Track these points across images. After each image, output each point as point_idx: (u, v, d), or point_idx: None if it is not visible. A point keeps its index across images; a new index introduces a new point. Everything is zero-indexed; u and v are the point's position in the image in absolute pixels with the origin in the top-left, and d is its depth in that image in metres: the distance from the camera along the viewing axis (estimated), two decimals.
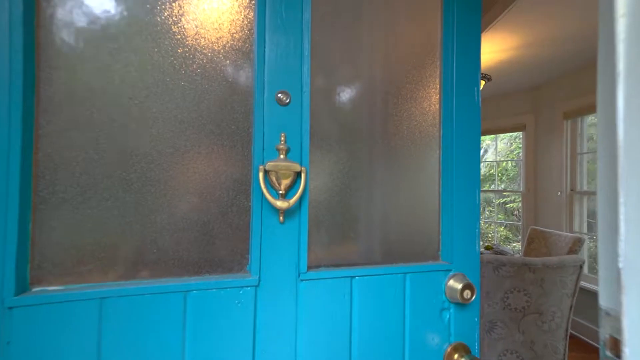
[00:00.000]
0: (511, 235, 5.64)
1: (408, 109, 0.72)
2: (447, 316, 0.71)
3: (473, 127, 0.74)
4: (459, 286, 0.67)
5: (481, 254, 2.72)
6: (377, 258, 0.69)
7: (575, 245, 2.47)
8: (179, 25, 0.59)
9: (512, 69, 3.02)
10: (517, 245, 5.31)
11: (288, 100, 0.60)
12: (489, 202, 6.04)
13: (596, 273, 2.92)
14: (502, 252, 2.69)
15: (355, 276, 0.64)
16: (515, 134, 4.56)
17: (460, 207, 0.72)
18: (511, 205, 5.91)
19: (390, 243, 0.70)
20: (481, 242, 5.77)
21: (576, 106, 3.00)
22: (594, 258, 3.12)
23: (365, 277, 0.65)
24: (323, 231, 0.65)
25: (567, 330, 1.66)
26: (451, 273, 0.71)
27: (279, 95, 0.60)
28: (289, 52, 0.62)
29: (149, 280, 0.57)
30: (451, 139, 0.72)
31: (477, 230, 0.74)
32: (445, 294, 0.70)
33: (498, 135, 4.33)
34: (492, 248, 2.81)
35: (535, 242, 2.93)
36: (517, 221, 5.83)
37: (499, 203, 5.63)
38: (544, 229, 2.87)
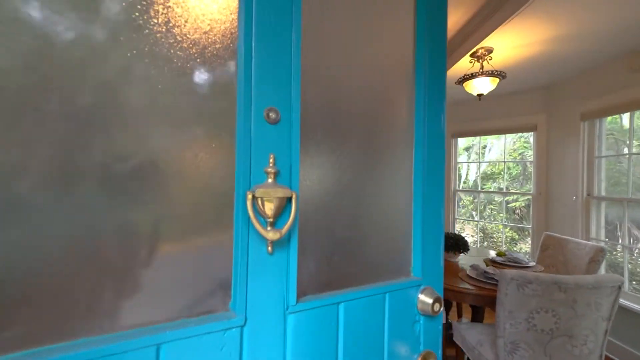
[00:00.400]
0: (517, 237, 5.50)
1: (384, 132, 0.72)
2: (418, 328, 0.75)
3: (439, 152, 0.78)
4: (430, 300, 0.72)
5: (493, 261, 2.57)
6: (359, 278, 0.69)
7: (597, 256, 2.32)
8: (145, 17, 0.47)
9: (525, 66, 2.85)
10: (524, 247, 5.17)
11: (278, 118, 0.55)
12: (490, 201, 5.89)
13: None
14: (515, 260, 2.54)
15: (341, 302, 0.63)
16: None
17: (429, 225, 0.77)
18: (513, 204, 5.77)
19: (370, 262, 0.71)
20: (485, 243, 5.63)
21: (595, 107, 2.84)
22: (613, 267, 2.98)
23: (350, 302, 0.64)
24: (309, 256, 0.62)
25: (601, 356, 1.52)
26: (422, 287, 0.75)
27: (269, 112, 0.54)
28: (279, 64, 0.56)
29: (108, 336, 0.43)
30: (422, 163, 0.76)
31: (442, 246, 0.79)
32: (417, 307, 0.74)
33: (503, 134, 4.15)
34: (504, 255, 2.65)
35: (551, 249, 2.78)
36: (519, 219, 5.70)
37: (500, 202, 5.48)
38: (560, 236, 2.72)
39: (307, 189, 0.61)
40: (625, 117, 2.88)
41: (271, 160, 0.54)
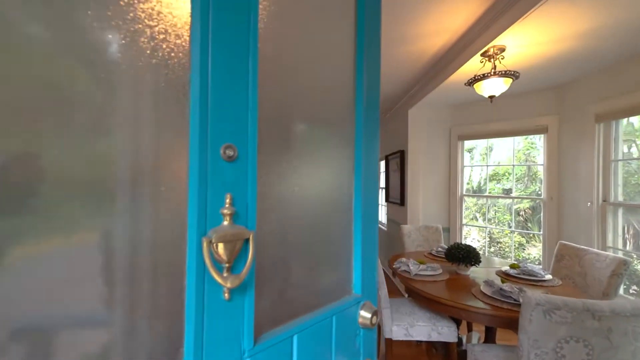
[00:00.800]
0: (524, 241, 5.34)
1: (330, 161, 0.75)
2: (359, 341, 0.79)
3: (374, 178, 0.86)
4: (369, 315, 0.78)
5: (507, 274, 2.41)
6: (309, 304, 0.70)
7: (620, 269, 2.16)
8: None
9: (537, 66, 2.69)
10: (533, 253, 5.02)
11: (235, 156, 0.53)
12: (494, 203, 5.73)
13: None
14: (530, 273, 2.38)
15: (294, 334, 0.64)
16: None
17: (367, 245, 0.83)
18: (517, 206, 5.63)
19: (319, 287, 0.72)
20: (492, 248, 5.47)
21: (611, 108, 2.68)
22: (628, 277, 2.82)
23: (302, 332, 0.65)
24: (263, 292, 0.60)
25: None
26: (362, 303, 0.80)
27: (226, 149, 0.51)
28: (236, 98, 0.53)
29: None
30: (362, 188, 0.81)
31: (377, 262, 0.87)
32: (358, 322, 0.79)
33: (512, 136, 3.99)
34: (518, 267, 2.50)
35: (566, 259, 2.62)
36: (524, 221, 5.56)
37: (505, 204, 5.32)
38: (576, 246, 2.56)
39: (258, 222, 0.60)
40: (635, 117, 2.72)
41: (228, 201, 0.51)
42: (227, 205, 0.51)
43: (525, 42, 2.22)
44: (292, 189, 0.66)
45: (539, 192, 4.94)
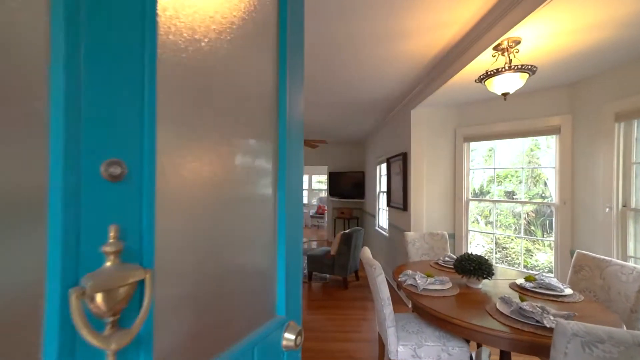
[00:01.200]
0: (531, 246, 5.14)
1: (244, 172, 0.69)
2: None
3: (298, 192, 0.83)
4: (293, 337, 0.75)
5: (522, 287, 2.20)
6: (228, 336, 0.62)
7: None
8: None
9: (552, 60, 2.49)
10: (541, 260, 4.80)
11: (123, 174, 0.41)
12: (496, 205, 5.52)
13: None
14: (548, 287, 2.17)
15: None
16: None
17: (291, 263, 0.79)
18: (521, 210, 5.42)
19: (239, 317, 0.65)
20: (498, 254, 5.26)
21: (634, 106, 2.48)
22: None
23: None
24: (169, 340, 0.49)
25: None
26: (286, 324, 0.76)
27: (108, 166, 0.39)
28: (124, 96, 0.40)
29: None
30: (284, 206, 0.77)
31: (300, 279, 0.83)
32: (282, 345, 0.74)
33: (521, 137, 3.78)
34: (534, 279, 2.29)
35: (586, 270, 2.41)
36: (527, 225, 5.36)
37: (509, 207, 5.11)
38: (597, 256, 2.35)
39: (159, 254, 0.48)
40: None
41: (112, 234, 0.40)
42: (111, 241, 0.40)
43: (543, 34, 2.01)
44: (204, 209, 0.57)
45: (543, 195, 4.74)
